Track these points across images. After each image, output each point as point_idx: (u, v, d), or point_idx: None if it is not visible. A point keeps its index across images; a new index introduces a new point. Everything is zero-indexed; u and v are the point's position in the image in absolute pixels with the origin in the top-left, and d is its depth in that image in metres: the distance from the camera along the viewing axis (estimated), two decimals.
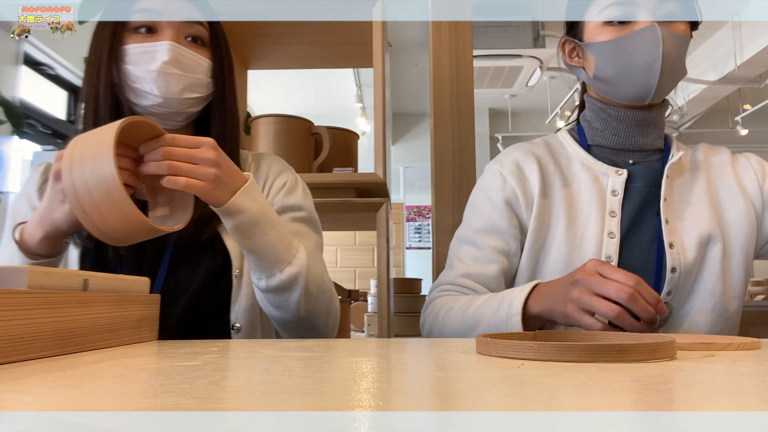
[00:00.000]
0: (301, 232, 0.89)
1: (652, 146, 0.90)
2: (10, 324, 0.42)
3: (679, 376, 0.37)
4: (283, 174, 0.95)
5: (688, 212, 0.87)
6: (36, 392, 0.31)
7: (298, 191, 0.94)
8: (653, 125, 0.90)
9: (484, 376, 0.37)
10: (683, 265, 0.83)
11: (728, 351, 0.52)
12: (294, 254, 0.78)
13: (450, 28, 1.65)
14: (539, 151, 0.94)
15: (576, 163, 0.92)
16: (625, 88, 0.85)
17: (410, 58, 5.22)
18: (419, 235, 6.85)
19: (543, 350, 0.44)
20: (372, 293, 2.12)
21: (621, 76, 0.85)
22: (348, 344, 0.59)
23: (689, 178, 0.91)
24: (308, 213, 0.93)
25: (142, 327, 0.63)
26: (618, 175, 0.88)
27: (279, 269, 0.76)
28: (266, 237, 0.74)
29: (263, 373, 0.39)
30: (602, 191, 0.88)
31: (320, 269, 0.85)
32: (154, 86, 0.79)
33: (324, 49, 1.60)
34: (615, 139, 0.90)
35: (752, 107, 5.94)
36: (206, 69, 0.84)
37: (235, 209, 0.71)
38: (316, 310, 0.81)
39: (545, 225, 0.88)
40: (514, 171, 0.91)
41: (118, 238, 0.63)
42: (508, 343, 0.46)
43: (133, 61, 0.79)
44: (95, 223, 0.61)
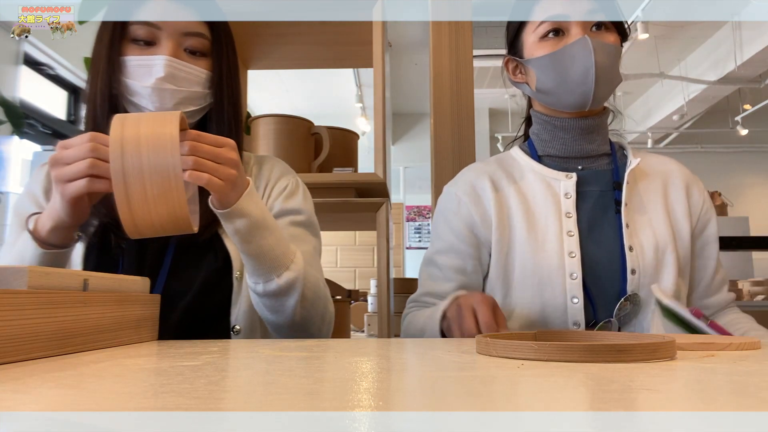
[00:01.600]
0: (299, 236, 0.89)
1: (598, 151, 0.97)
2: (10, 324, 0.42)
3: (679, 376, 0.37)
4: (284, 177, 0.95)
5: (647, 217, 0.93)
6: (36, 392, 0.31)
7: (298, 195, 0.94)
8: (596, 132, 0.96)
9: (484, 376, 0.37)
10: (642, 268, 0.88)
11: (728, 351, 0.52)
12: (292, 259, 0.78)
13: (450, 28, 1.65)
14: (491, 168, 1.00)
15: (528, 173, 0.98)
16: (565, 97, 0.92)
17: (410, 58, 5.22)
18: (419, 235, 6.85)
19: (543, 350, 0.44)
20: (372, 293, 2.12)
21: (560, 87, 0.91)
22: (348, 344, 0.59)
23: (648, 184, 0.96)
24: (307, 217, 0.93)
25: (142, 327, 0.63)
26: (568, 179, 0.94)
27: (277, 274, 0.76)
28: (265, 241, 0.75)
29: (263, 373, 0.39)
30: (556, 195, 0.94)
31: (317, 275, 0.85)
32: (149, 101, 0.80)
33: (324, 49, 1.60)
34: (563, 148, 0.97)
35: (752, 107, 5.94)
36: (204, 81, 0.84)
37: (238, 213, 0.71)
38: (311, 316, 0.82)
39: (506, 234, 0.94)
40: (468, 191, 0.98)
41: (147, 232, 0.60)
42: (508, 343, 0.46)
43: (130, 75, 0.79)
44: (134, 214, 0.58)
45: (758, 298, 3.32)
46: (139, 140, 0.57)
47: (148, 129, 0.58)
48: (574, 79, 0.89)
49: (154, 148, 0.57)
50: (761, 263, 5.02)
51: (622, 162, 0.97)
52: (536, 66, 0.93)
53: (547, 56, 0.91)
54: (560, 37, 0.90)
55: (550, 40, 0.90)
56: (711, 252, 0.97)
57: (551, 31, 0.90)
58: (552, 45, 0.90)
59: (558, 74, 0.90)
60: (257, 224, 0.74)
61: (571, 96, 0.91)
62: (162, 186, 0.57)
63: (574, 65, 0.88)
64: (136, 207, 0.57)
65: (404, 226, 6.56)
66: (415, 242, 6.82)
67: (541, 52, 0.91)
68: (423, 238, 6.81)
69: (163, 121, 0.59)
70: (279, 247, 0.76)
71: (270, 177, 0.94)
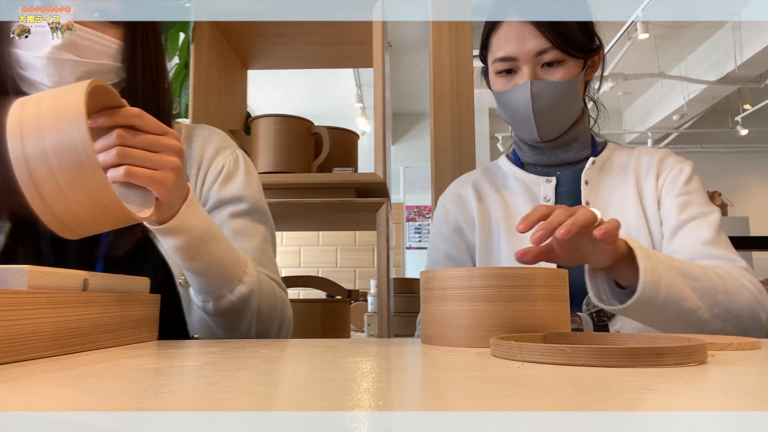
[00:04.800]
0: (244, 230, 0.79)
1: (577, 158, 1.00)
2: (10, 324, 0.42)
3: (679, 376, 0.37)
4: (220, 155, 0.81)
5: (615, 213, 0.93)
6: (36, 392, 0.31)
7: (237, 177, 0.81)
8: (574, 141, 0.99)
9: (484, 376, 0.37)
10: None
11: (728, 351, 0.52)
12: (244, 270, 0.69)
13: (450, 28, 1.65)
14: (475, 177, 1.07)
15: (511, 179, 1.03)
16: (518, 130, 0.98)
17: (410, 58, 5.22)
18: (419, 235, 6.85)
19: (578, 355, 0.41)
20: (372, 293, 2.12)
21: (511, 122, 0.98)
22: (348, 344, 0.59)
23: (615, 180, 0.97)
24: (251, 203, 0.81)
25: (142, 327, 0.63)
26: (548, 183, 0.98)
27: (229, 289, 0.68)
28: (213, 255, 0.65)
29: (263, 373, 0.39)
30: (536, 199, 0.98)
31: (271, 277, 0.76)
32: (45, 75, 0.67)
33: (324, 49, 1.60)
34: (541, 158, 1.01)
35: (752, 107, 5.94)
36: (114, 52, 0.71)
37: (179, 228, 0.62)
38: (268, 328, 0.75)
39: (488, 237, 0.98)
40: (454, 200, 1.04)
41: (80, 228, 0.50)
42: (536, 347, 0.43)
43: (20, 44, 0.67)
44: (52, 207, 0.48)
45: None
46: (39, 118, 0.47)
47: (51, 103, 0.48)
48: (520, 120, 0.94)
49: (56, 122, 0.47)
50: (761, 263, 5.02)
51: None
52: (494, 96, 0.98)
53: (498, 94, 0.95)
54: (512, 75, 0.93)
55: (502, 77, 0.94)
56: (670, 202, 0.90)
57: (504, 70, 0.93)
58: (503, 83, 0.94)
59: (507, 112, 0.96)
60: (202, 238, 0.64)
61: (522, 131, 0.97)
62: (72, 166, 0.46)
63: (517, 109, 0.93)
64: (50, 198, 0.47)
65: (404, 226, 6.56)
66: (415, 242, 6.82)
67: (496, 87, 0.96)
68: (423, 238, 6.81)
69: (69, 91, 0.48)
70: (229, 259, 0.67)
71: (203, 157, 0.81)
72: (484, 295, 0.56)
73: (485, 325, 0.56)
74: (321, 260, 5.02)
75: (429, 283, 0.61)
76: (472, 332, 0.56)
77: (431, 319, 0.60)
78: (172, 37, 1.63)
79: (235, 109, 1.60)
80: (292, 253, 5.03)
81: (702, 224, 0.87)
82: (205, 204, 0.80)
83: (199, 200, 0.77)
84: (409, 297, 1.84)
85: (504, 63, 0.92)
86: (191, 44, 1.37)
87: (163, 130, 0.58)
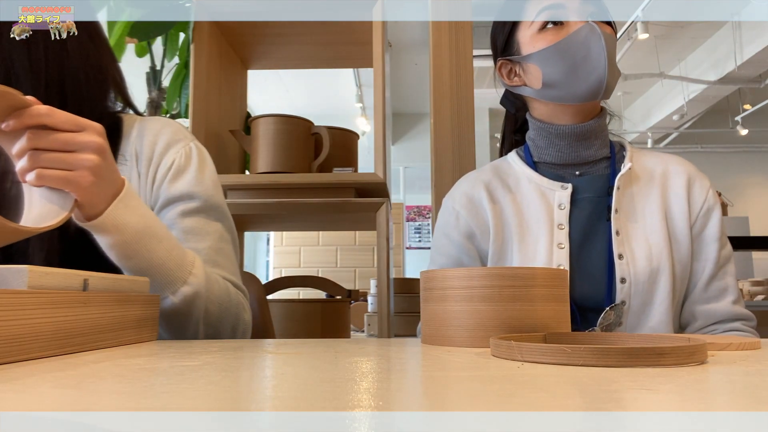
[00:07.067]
0: (196, 229, 0.74)
1: (596, 157, 0.93)
2: (10, 324, 0.42)
3: (678, 376, 0.37)
4: (171, 150, 0.76)
5: (641, 224, 0.89)
6: (36, 392, 0.31)
7: (188, 172, 0.76)
8: (594, 137, 0.93)
9: (483, 376, 0.37)
10: (633, 276, 0.85)
11: (728, 351, 0.52)
12: (190, 270, 0.66)
13: (450, 28, 1.65)
14: (486, 177, 0.98)
15: (524, 181, 0.96)
16: (577, 86, 0.87)
17: (410, 58, 5.23)
18: (419, 235, 6.85)
19: (577, 354, 0.41)
20: (372, 293, 2.12)
21: (571, 76, 0.87)
22: (348, 344, 0.59)
23: (642, 188, 0.92)
24: (204, 200, 0.76)
25: (142, 327, 0.62)
26: (563, 190, 0.92)
27: (171, 291, 0.65)
28: (153, 255, 0.62)
29: (263, 373, 0.39)
30: (550, 206, 0.92)
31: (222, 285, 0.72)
32: None
33: (324, 49, 1.60)
34: (558, 155, 0.94)
35: (752, 107, 5.94)
36: None
37: (110, 225, 0.59)
38: (217, 333, 0.71)
39: (502, 244, 0.93)
40: (466, 204, 0.96)
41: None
42: (536, 347, 0.43)
43: None
44: None
45: (758, 298, 3.32)
46: None
47: None
48: (586, 65, 0.85)
49: None
50: (761, 263, 5.02)
51: (620, 165, 0.94)
52: (540, 59, 0.89)
53: (552, 47, 0.87)
54: (560, 26, 0.86)
55: (550, 31, 0.87)
56: (709, 254, 0.89)
57: (550, 22, 0.87)
58: (554, 35, 0.87)
59: (566, 63, 0.86)
60: (138, 236, 0.61)
61: (584, 83, 0.86)
62: None
63: (585, 51, 0.85)
64: None
65: (404, 226, 6.56)
66: (415, 242, 6.82)
67: (543, 44, 0.87)
68: (423, 238, 6.81)
69: None
70: (171, 259, 0.64)
71: (153, 153, 0.75)
72: (484, 295, 0.57)
73: (485, 325, 0.56)
74: (321, 260, 5.02)
75: (429, 283, 0.61)
76: (472, 332, 0.56)
77: (431, 319, 0.60)
78: (172, 37, 1.64)
79: (235, 109, 1.60)
80: (292, 253, 5.03)
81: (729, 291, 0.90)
82: (156, 202, 0.76)
83: (149, 199, 0.75)
84: (409, 297, 1.84)
85: (553, 11, 0.86)
86: (191, 44, 1.37)
87: (78, 125, 0.54)
